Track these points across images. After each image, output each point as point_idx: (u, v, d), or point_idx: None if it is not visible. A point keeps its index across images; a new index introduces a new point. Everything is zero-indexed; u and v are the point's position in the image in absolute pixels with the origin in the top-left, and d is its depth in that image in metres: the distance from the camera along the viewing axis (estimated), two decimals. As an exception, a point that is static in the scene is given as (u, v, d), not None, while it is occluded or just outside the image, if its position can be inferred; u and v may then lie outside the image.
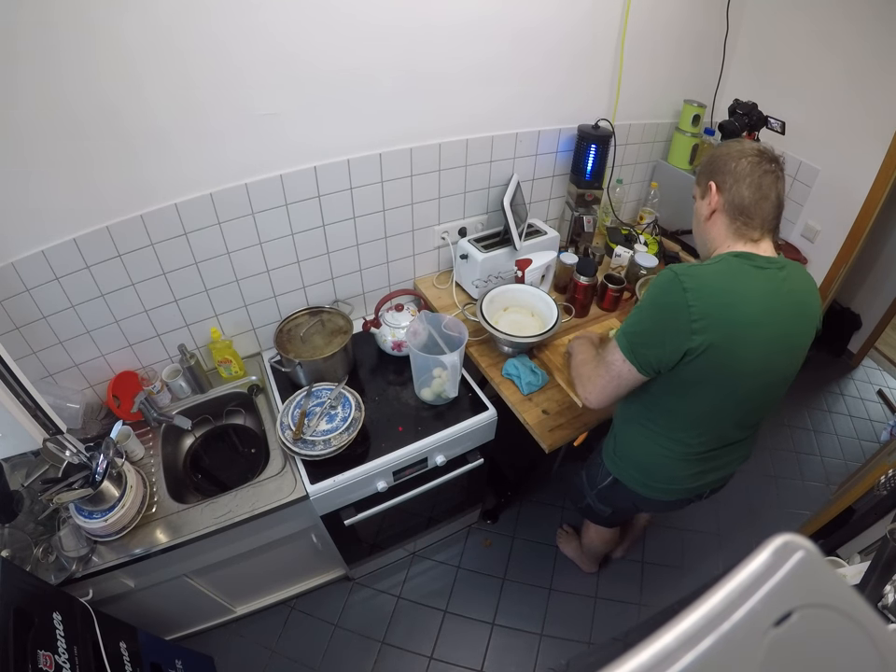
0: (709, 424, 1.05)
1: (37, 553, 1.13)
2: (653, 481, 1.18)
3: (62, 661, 0.96)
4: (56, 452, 1.10)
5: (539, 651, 1.72)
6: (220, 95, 1.15)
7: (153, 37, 1.03)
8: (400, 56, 1.30)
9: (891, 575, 0.86)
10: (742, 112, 1.61)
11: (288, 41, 1.16)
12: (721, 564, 1.98)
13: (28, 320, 1.21)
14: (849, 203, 1.74)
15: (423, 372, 1.45)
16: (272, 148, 1.28)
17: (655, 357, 0.94)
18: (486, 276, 1.64)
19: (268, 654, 1.69)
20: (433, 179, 1.57)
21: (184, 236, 1.30)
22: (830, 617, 0.23)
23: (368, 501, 1.41)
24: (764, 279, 0.92)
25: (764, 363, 0.95)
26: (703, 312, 0.88)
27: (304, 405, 1.37)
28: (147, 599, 1.34)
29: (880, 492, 1.36)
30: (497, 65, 1.45)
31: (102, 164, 1.12)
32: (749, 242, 0.96)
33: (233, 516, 1.24)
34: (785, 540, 0.24)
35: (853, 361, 2.94)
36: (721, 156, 0.97)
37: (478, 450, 1.55)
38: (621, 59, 1.65)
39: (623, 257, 1.79)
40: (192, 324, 1.49)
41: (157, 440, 1.42)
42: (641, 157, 2.02)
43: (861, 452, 2.44)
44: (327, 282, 1.62)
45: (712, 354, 0.90)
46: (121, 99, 1.06)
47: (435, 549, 1.97)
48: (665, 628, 0.22)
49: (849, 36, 1.59)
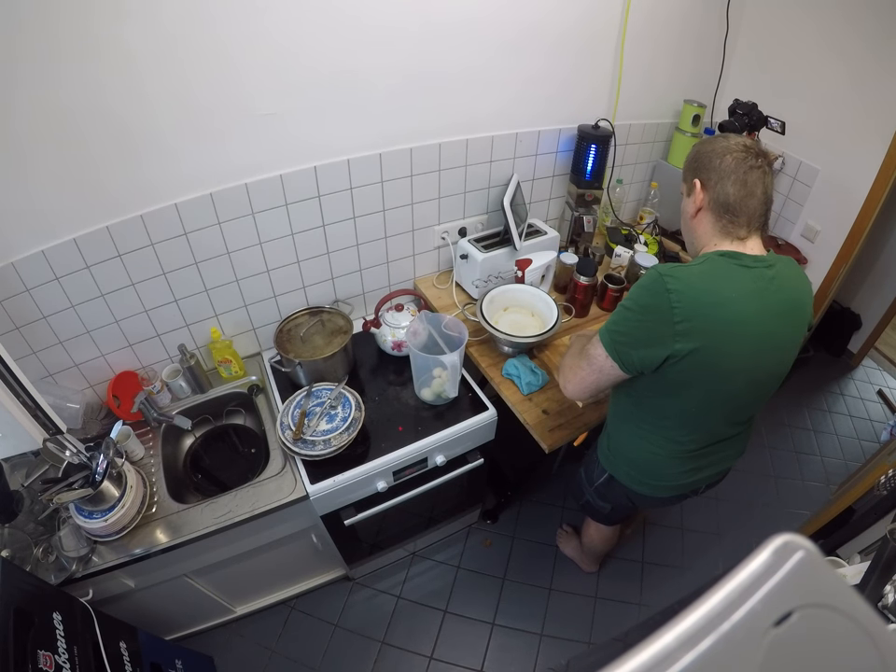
0: (699, 422, 1.05)
1: (37, 553, 1.13)
2: (647, 477, 1.19)
3: (62, 661, 0.96)
4: (56, 452, 1.10)
5: (539, 651, 1.72)
6: (221, 96, 1.15)
7: (155, 41, 1.03)
8: (400, 57, 1.30)
9: (891, 575, 0.86)
10: (742, 112, 1.61)
11: (290, 42, 1.16)
12: (720, 563, 1.98)
13: (28, 320, 1.21)
14: (849, 203, 1.74)
15: (423, 372, 1.45)
16: (272, 148, 1.28)
17: (638, 358, 0.94)
18: (486, 276, 1.64)
19: (268, 654, 1.69)
20: (433, 179, 1.57)
21: (184, 236, 1.30)
22: (830, 617, 0.23)
23: (368, 501, 1.41)
24: (751, 278, 0.90)
25: (753, 362, 0.94)
26: (686, 313, 0.87)
27: (304, 405, 1.37)
28: (147, 599, 1.34)
29: (880, 492, 1.36)
30: (496, 66, 1.45)
31: (101, 165, 1.12)
32: (736, 240, 0.94)
33: (233, 516, 1.25)
34: (785, 540, 0.24)
35: (853, 361, 2.95)
36: (705, 152, 0.95)
37: (478, 450, 1.55)
38: (621, 59, 1.65)
39: (623, 257, 1.79)
40: (192, 324, 1.49)
41: (157, 440, 1.42)
42: (641, 157, 2.02)
43: (861, 452, 2.43)
44: (327, 282, 1.62)
45: (697, 356, 0.90)
46: (123, 100, 1.06)
47: (435, 549, 1.97)
48: (664, 628, 0.22)
49: (849, 36, 1.59)
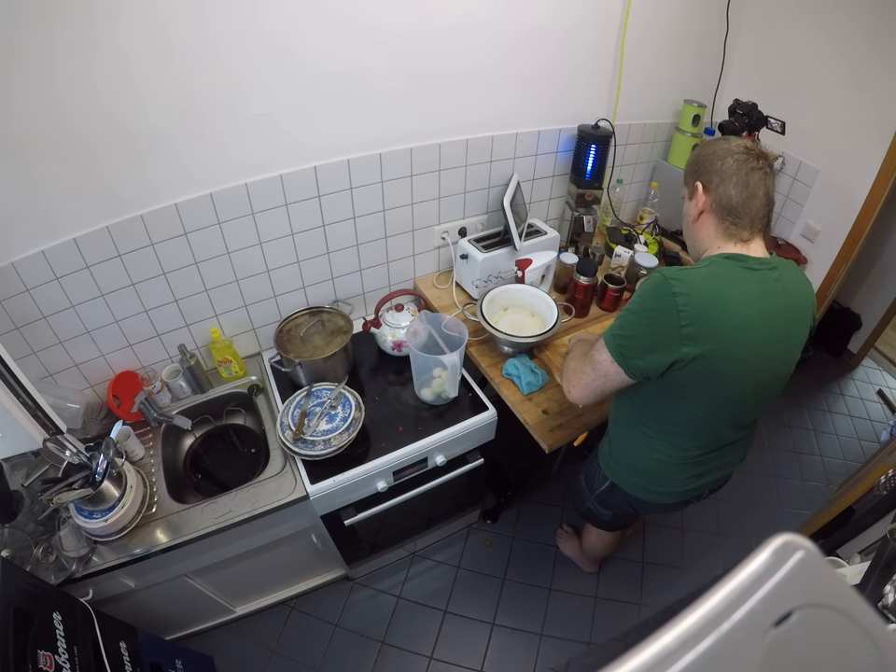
0: (705, 426, 1.04)
1: (37, 553, 1.13)
2: (651, 484, 1.17)
3: (62, 661, 0.96)
4: (56, 452, 1.10)
5: (539, 651, 1.72)
6: (218, 96, 1.15)
7: (149, 40, 1.03)
8: (401, 58, 1.30)
9: (891, 575, 0.86)
10: (742, 112, 1.61)
11: (289, 43, 1.15)
12: (720, 564, 1.98)
13: (28, 320, 1.21)
14: (849, 203, 1.74)
15: (423, 372, 1.45)
16: (272, 148, 1.28)
17: (644, 364, 0.93)
18: (486, 276, 1.64)
19: (268, 654, 1.69)
20: (433, 179, 1.57)
21: (184, 236, 1.30)
22: (830, 617, 0.23)
23: (368, 501, 1.41)
24: (756, 281, 0.90)
25: (759, 365, 0.94)
26: (693, 317, 0.86)
27: (304, 405, 1.37)
28: (146, 599, 1.34)
29: (880, 492, 1.36)
30: (497, 67, 1.45)
31: (100, 164, 1.11)
32: (739, 242, 0.94)
33: (233, 516, 1.25)
34: (785, 540, 0.24)
35: (853, 361, 2.94)
36: (706, 155, 0.95)
37: (478, 450, 1.55)
38: (621, 59, 1.65)
39: (623, 257, 1.79)
40: (192, 324, 1.49)
41: (157, 440, 1.42)
42: (641, 157, 2.02)
43: (861, 452, 2.43)
44: (327, 282, 1.62)
45: (704, 361, 0.89)
46: (118, 101, 1.06)
47: (435, 549, 1.97)
48: (664, 628, 0.22)
49: (850, 36, 1.59)
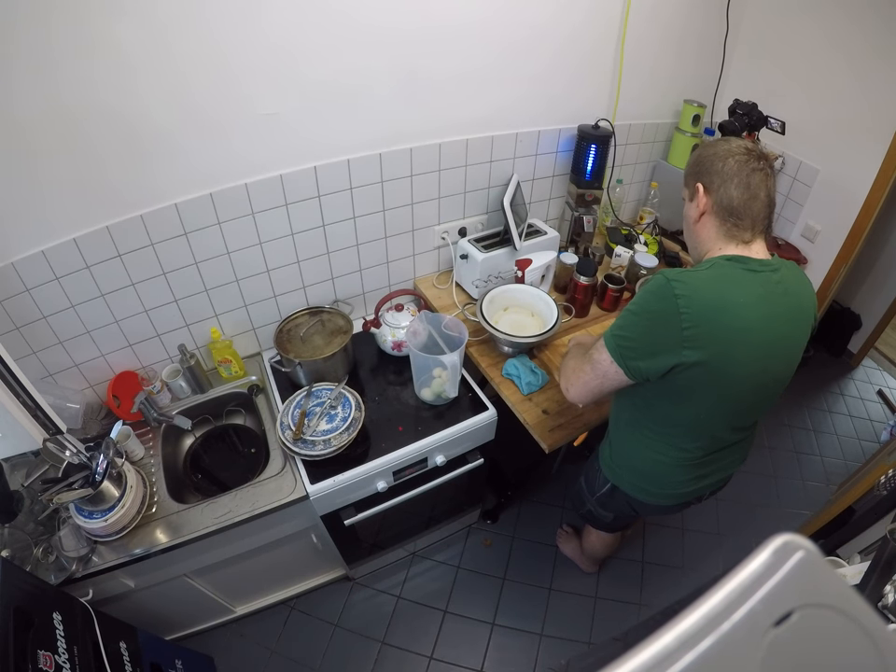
0: (706, 428, 1.04)
1: (37, 553, 1.13)
2: (652, 486, 1.17)
3: (62, 661, 0.96)
4: (56, 452, 1.10)
5: (539, 650, 1.72)
6: (219, 96, 1.15)
7: (151, 41, 1.03)
8: (401, 58, 1.30)
9: (891, 575, 0.86)
10: (742, 112, 1.61)
11: (289, 43, 1.15)
12: (721, 564, 1.98)
13: (28, 320, 1.21)
14: (849, 203, 1.74)
15: (423, 372, 1.45)
16: (272, 148, 1.28)
17: (644, 365, 0.92)
18: (486, 276, 1.64)
19: (268, 654, 1.69)
20: (433, 179, 1.57)
21: (184, 236, 1.30)
22: (830, 617, 0.23)
23: (368, 501, 1.41)
24: (758, 283, 0.90)
25: (760, 367, 0.94)
26: (695, 319, 0.86)
27: (304, 405, 1.37)
28: (147, 599, 1.34)
29: (880, 492, 1.36)
30: (497, 67, 1.45)
31: (101, 164, 1.11)
32: (741, 244, 0.94)
33: (233, 516, 1.25)
34: (785, 540, 0.24)
35: (853, 361, 2.95)
36: (707, 156, 0.94)
37: (478, 450, 1.55)
38: (621, 59, 1.65)
39: (623, 257, 1.79)
40: (192, 324, 1.49)
41: (157, 440, 1.42)
42: (641, 157, 2.02)
43: (861, 452, 2.44)
44: (327, 282, 1.62)
45: (705, 363, 0.89)
46: (120, 98, 1.06)
47: (435, 549, 1.97)
48: (665, 628, 0.22)
49: (850, 36, 1.59)
